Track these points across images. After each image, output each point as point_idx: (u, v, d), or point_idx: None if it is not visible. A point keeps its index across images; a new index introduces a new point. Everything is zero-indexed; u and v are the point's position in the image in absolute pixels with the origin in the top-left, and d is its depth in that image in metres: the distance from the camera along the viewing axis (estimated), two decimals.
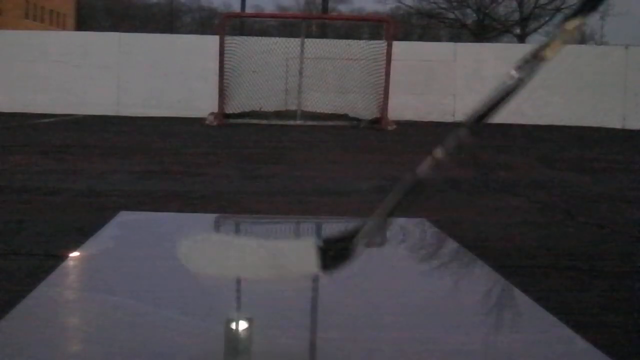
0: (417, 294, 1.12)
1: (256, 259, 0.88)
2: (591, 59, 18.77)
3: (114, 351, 0.83)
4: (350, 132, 13.72)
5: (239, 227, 1.78)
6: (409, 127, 15.08)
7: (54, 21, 52.27)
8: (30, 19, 46.55)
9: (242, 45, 16.49)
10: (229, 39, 16.25)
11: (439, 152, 0.85)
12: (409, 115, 17.62)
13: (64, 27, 51.29)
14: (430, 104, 18.45)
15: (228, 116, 15.55)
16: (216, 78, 15.95)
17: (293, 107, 16.55)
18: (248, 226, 1.76)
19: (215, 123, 14.86)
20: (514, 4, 37.98)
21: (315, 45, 16.88)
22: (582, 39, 42.25)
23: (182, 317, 0.89)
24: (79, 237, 2.78)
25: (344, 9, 55.89)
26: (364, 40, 18.77)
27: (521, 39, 37.27)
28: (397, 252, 1.46)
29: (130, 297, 1.04)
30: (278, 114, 16.27)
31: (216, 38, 16.12)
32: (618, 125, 18.21)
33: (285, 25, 28.86)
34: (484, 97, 0.85)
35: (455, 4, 38.64)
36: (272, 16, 27.87)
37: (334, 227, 1.81)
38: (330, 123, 15.40)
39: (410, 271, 1.28)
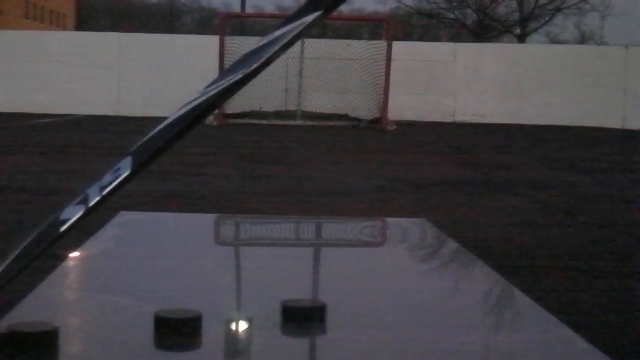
0: (417, 294, 1.12)
1: None
2: (591, 59, 18.77)
3: (114, 351, 0.83)
4: (350, 132, 13.72)
5: (239, 227, 1.77)
6: (409, 127, 15.08)
7: (54, 21, 52.26)
8: (30, 19, 46.53)
9: (242, 46, 16.48)
10: (229, 39, 16.25)
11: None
12: (409, 115, 17.62)
13: (64, 27, 51.26)
14: (430, 104, 18.45)
15: (228, 116, 15.55)
16: None
17: (293, 107, 16.55)
18: (248, 226, 1.76)
19: (215, 123, 14.86)
20: (514, 4, 37.98)
21: (315, 45, 16.87)
22: (582, 39, 42.26)
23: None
24: (79, 237, 2.78)
25: (344, 9, 55.83)
26: (364, 40, 18.78)
27: (521, 39, 37.26)
28: (397, 252, 1.46)
29: (130, 297, 1.04)
30: (278, 114, 16.26)
31: (216, 38, 16.12)
32: (618, 125, 18.21)
33: None
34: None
35: (455, 4, 38.63)
36: (272, 16, 27.85)
37: (334, 227, 1.81)
38: (330, 123, 15.40)
39: (410, 271, 1.28)
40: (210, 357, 0.84)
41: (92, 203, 0.74)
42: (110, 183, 0.74)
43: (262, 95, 16.59)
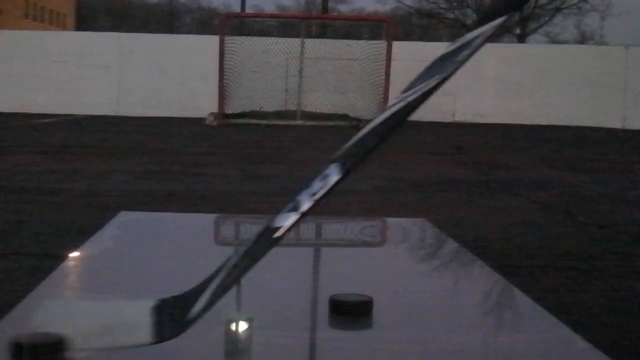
0: (417, 294, 1.12)
1: (88, 324, 0.81)
2: (591, 59, 18.76)
3: (114, 351, 0.83)
4: (350, 132, 13.67)
5: (239, 227, 1.77)
6: (408, 127, 15.08)
7: (54, 21, 52.23)
8: (30, 19, 46.51)
9: (242, 45, 16.49)
10: (229, 39, 16.25)
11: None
12: None
13: (64, 27, 51.23)
14: (430, 104, 18.34)
15: (228, 116, 15.55)
16: (216, 78, 15.95)
17: (293, 107, 16.55)
18: (248, 226, 1.76)
19: (215, 123, 14.86)
20: None
21: (315, 45, 16.88)
22: (582, 39, 42.25)
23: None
24: (79, 237, 2.78)
25: (344, 9, 55.95)
26: (364, 40, 18.77)
27: (521, 39, 37.26)
28: (397, 252, 1.46)
29: (130, 297, 1.04)
30: (278, 114, 16.26)
31: (216, 38, 16.12)
32: (618, 125, 18.20)
33: (285, 25, 28.87)
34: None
35: (455, 4, 38.66)
36: (272, 16, 27.89)
37: (334, 227, 1.81)
38: (330, 123, 15.40)
39: (410, 271, 1.28)
40: (210, 357, 0.84)
41: (304, 209, 0.79)
42: (320, 189, 0.80)
43: (262, 95, 16.60)
